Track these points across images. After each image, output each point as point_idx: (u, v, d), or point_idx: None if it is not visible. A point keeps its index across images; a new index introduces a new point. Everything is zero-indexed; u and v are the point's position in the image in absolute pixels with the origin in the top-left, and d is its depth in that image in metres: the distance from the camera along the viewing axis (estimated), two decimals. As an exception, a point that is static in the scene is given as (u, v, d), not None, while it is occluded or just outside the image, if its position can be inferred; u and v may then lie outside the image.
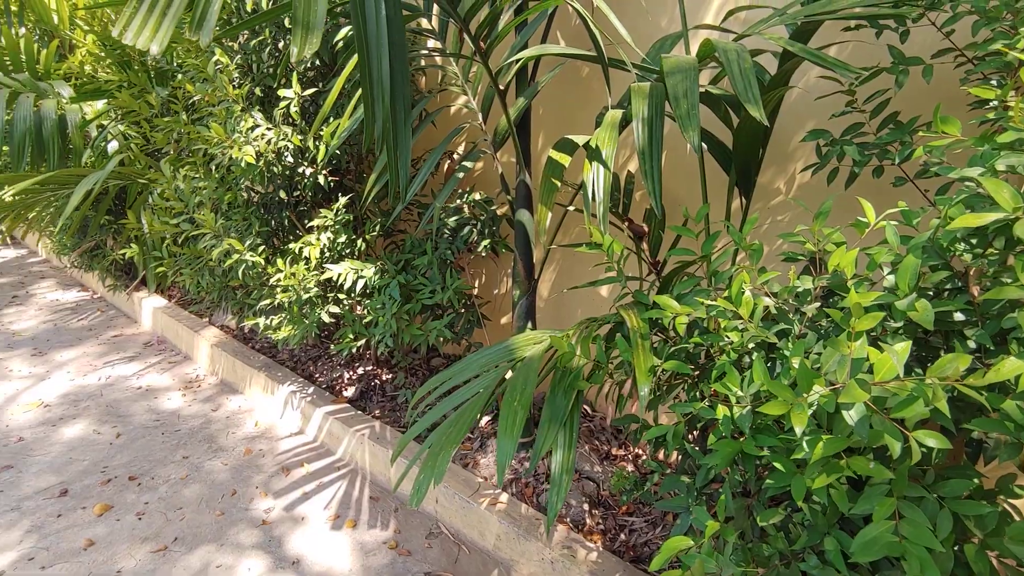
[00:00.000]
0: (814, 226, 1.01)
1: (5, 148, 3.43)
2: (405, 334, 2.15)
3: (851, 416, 0.72)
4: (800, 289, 1.01)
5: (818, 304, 1.01)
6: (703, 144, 1.78)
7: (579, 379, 1.16)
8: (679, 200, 2.11)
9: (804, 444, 0.80)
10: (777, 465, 0.88)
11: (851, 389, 0.69)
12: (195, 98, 2.17)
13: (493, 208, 2.29)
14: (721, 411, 1.00)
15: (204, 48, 0.87)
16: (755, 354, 1.03)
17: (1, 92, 2.97)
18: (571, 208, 1.87)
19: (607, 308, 2.35)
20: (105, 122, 3.05)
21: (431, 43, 2.54)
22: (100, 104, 3.20)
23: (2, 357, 3.31)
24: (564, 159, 1.53)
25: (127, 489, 2.18)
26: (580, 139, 1.59)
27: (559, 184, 1.48)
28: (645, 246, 1.91)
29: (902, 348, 0.68)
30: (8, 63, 3.48)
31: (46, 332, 3.71)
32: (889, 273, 0.94)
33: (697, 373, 1.21)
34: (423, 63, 2.49)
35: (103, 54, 2.94)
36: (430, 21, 2.01)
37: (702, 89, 1.67)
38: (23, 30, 4.07)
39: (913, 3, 1.26)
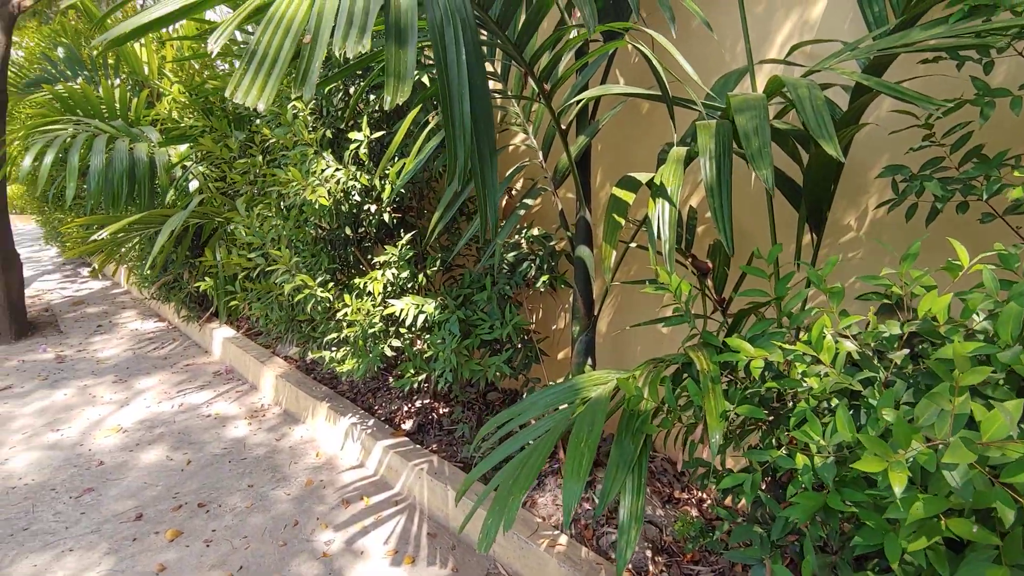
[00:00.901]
0: (902, 268, 0.96)
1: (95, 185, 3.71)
2: (464, 369, 2.17)
3: (954, 477, 0.67)
4: (886, 335, 0.96)
5: (906, 351, 0.95)
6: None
7: (647, 423, 1.14)
8: (745, 234, 2.07)
9: (899, 503, 0.75)
10: (867, 523, 0.83)
11: (956, 448, 0.65)
12: (271, 141, 2.29)
13: (552, 244, 2.30)
14: (801, 460, 0.95)
15: (306, 101, 0.93)
16: (837, 402, 0.98)
17: (100, 138, 3.23)
18: (633, 244, 1.86)
19: (668, 344, 2.30)
20: (188, 163, 3.27)
21: (492, 84, 2.62)
22: (184, 147, 3.44)
23: (90, 383, 3.52)
24: (628, 196, 1.53)
25: (196, 516, 2.26)
26: (643, 176, 1.59)
27: (623, 222, 1.48)
28: (710, 283, 1.87)
29: (1014, 406, 0.63)
30: (105, 111, 3.80)
31: (127, 360, 3.93)
32: (985, 319, 0.89)
33: (771, 419, 1.16)
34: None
35: (188, 102, 3.17)
36: (492, 64, 2.07)
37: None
38: (118, 80, 4.45)
39: (999, 32, 1.21)
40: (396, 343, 2.25)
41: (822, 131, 1.13)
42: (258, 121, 2.39)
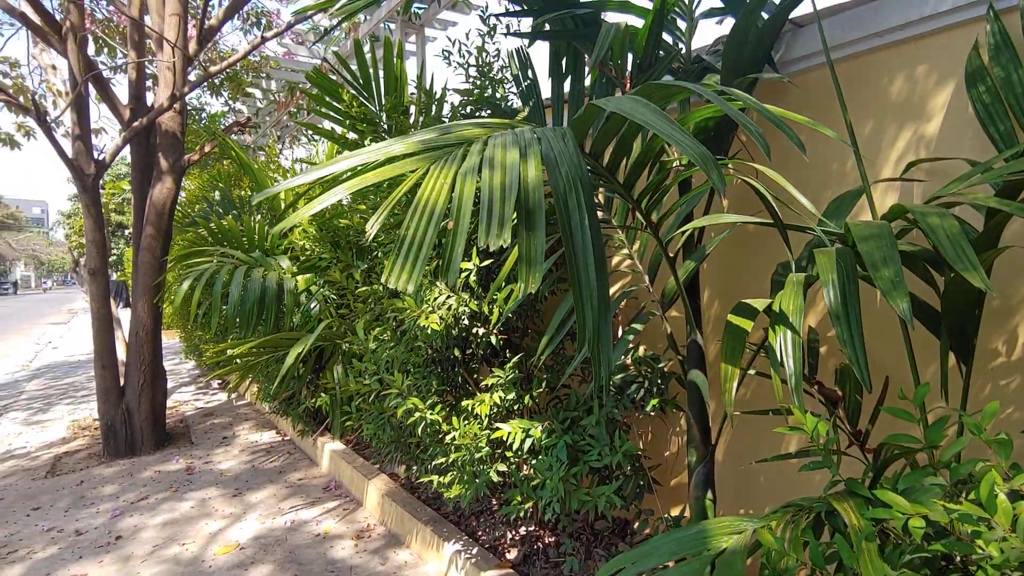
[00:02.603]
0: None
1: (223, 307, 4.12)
2: (573, 499, 2.09)
3: None
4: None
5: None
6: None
7: (791, 583, 1.02)
8: (876, 358, 1.92)
9: None
10: None
11: None
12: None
13: (661, 366, 2.25)
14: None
15: (451, 286, 1.02)
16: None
17: (240, 269, 3.66)
18: (751, 372, 1.78)
19: (796, 478, 2.10)
20: (313, 289, 3.59)
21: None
22: (309, 274, 3.80)
23: (211, 495, 3.73)
24: (746, 324, 1.48)
25: (302, 644, 2.23)
26: (759, 303, 1.55)
27: (743, 348, 1.43)
28: (841, 412, 1.72)
29: None
30: (246, 241, 4.32)
31: (245, 472, 4.15)
32: None
33: (942, 585, 1.01)
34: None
35: (318, 234, 3.54)
36: (597, 191, 2.17)
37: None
38: (258, 216, 5.08)
39: None
40: (502, 468, 2.22)
41: (963, 261, 1.06)
42: (379, 254, 2.61)
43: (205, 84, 6.38)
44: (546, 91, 2.47)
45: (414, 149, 1.09)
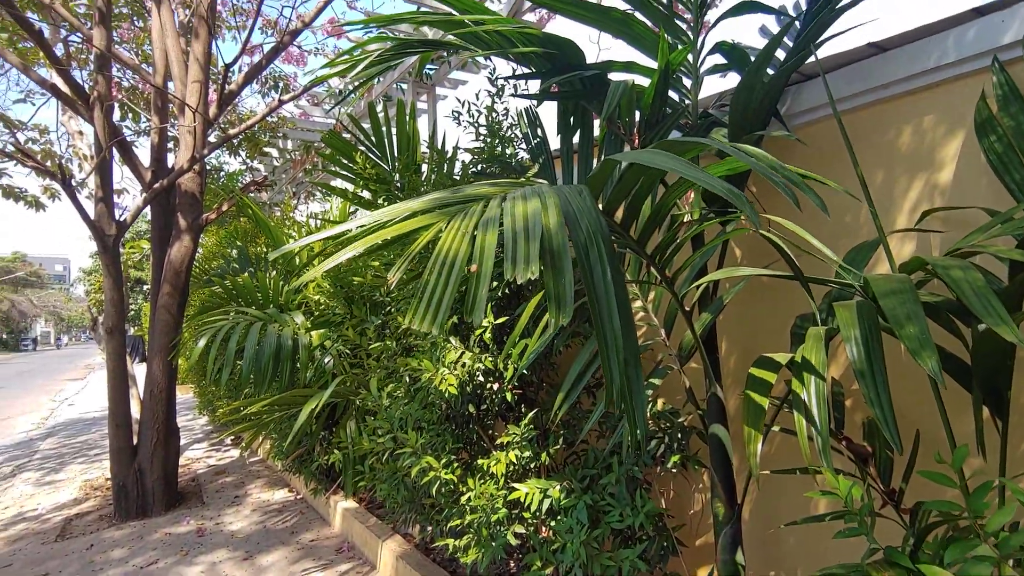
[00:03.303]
0: None
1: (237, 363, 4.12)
2: (595, 564, 2.00)
3: None
4: None
5: None
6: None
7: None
8: (905, 409, 1.85)
9: None
10: None
11: None
12: (404, 326, 2.48)
13: (680, 420, 2.19)
14: None
15: (476, 325, 1.02)
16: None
17: (255, 326, 3.68)
18: (775, 427, 1.72)
19: (829, 536, 2.00)
20: (327, 344, 3.58)
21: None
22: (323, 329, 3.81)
23: (220, 559, 3.63)
24: (769, 376, 1.45)
25: None
26: (781, 357, 1.51)
27: (766, 404, 1.39)
28: (872, 470, 1.65)
29: None
30: (260, 298, 4.36)
31: (256, 534, 4.05)
32: None
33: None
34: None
35: (332, 289, 3.57)
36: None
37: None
38: (273, 272, 5.14)
39: None
40: (520, 530, 2.15)
41: (992, 315, 1.03)
42: (393, 310, 2.61)
43: (224, 145, 6.59)
44: (555, 143, 2.51)
45: (429, 207, 1.10)
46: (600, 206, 1.38)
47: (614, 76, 1.97)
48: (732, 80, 2.22)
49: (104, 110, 4.37)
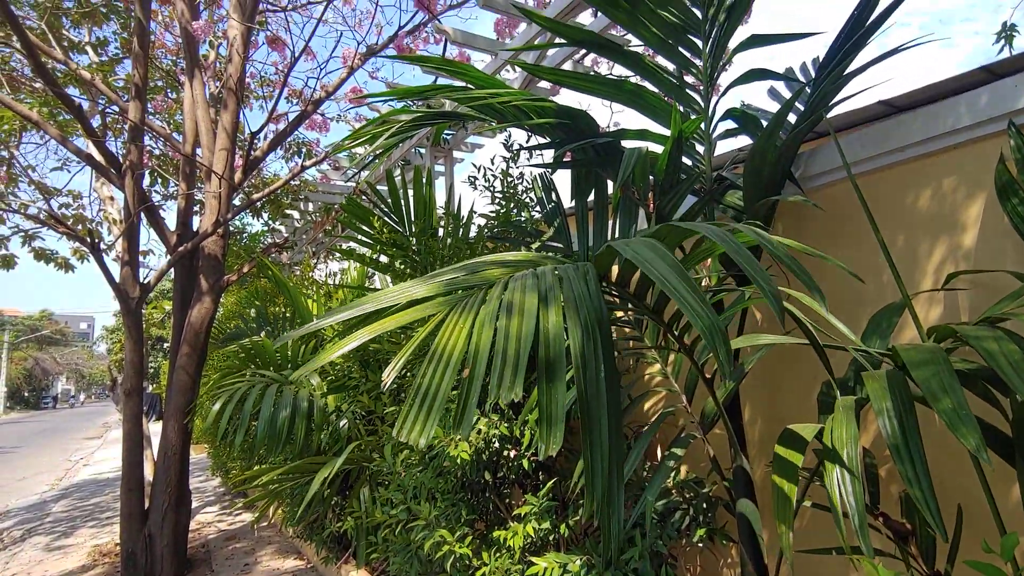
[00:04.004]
0: None
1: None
2: (619, 648, 1.88)
3: None
4: None
5: None
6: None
7: None
8: (944, 481, 1.76)
9: None
10: None
11: None
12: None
13: (706, 491, 2.10)
14: None
15: (464, 438, 1.00)
16: None
17: (271, 388, 3.66)
18: (807, 503, 1.64)
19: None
20: (343, 408, 3.55)
21: (619, 313, 2.69)
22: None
23: (227, 634, 3.49)
24: (796, 458, 1.38)
25: None
26: (808, 430, 1.45)
27: (794, 492, 1.32)
28: (913, 548, 1.55)
29: None
30: (278, 358, 4.36)
31: (265, 606, 3.90)
32: None
33: None
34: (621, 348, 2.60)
35: (348, 352, 3.56)
36: (626, 312, 2.15)
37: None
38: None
39: None
40: (539, 609, 2.04)
41: (1031, 390, 0.98)
42: (409, 374, 2.59)
43: (248, 208, 6.79)
44: (568, 201, 2.53)
45: (434, 292, 1.09)
46: (614, 277, 1.37)
47: (627, 142, 2.00)
48: (746, 138, 2.25)
49: (135, 178, 4.54)
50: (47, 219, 4.72)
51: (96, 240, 4.54)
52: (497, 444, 2.27)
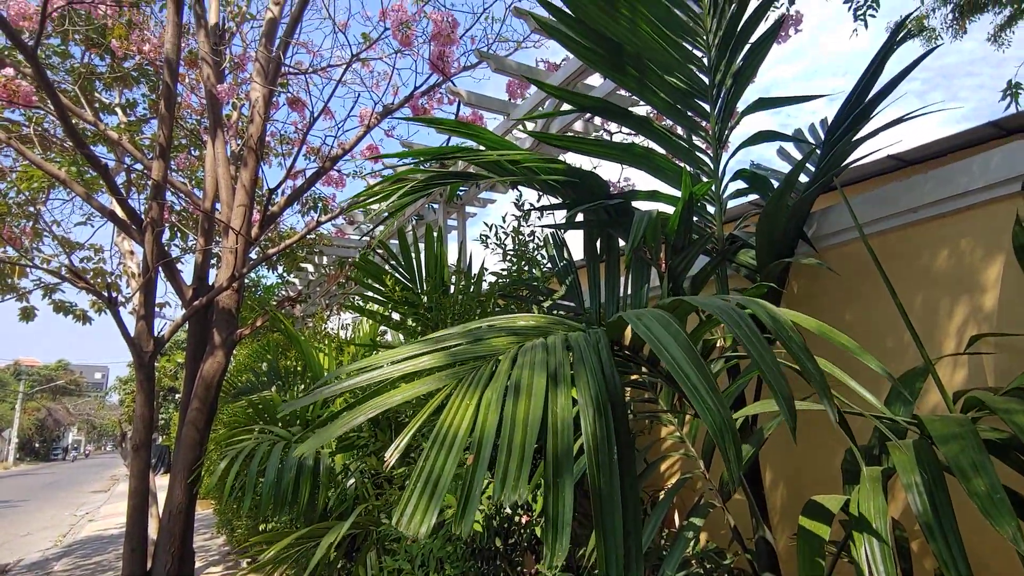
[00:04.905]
0: None
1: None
2: None
3: None
4: None
5: None
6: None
7: None
8: (979, 557, 1.66)
9: None
10: None
11: None
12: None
13: (727, 562, 2.00)
14: None
15: (465, 536, 0.97)
16: None
17: (278, 446, 3.60)
18: (834, 580, 1.55)
19: None
20: (352, 467, 3.47)
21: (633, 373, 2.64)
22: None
23: None
24: (822, 531, 1.32)
25: None
26: (833, 501, 1.39)
27: (823, 566, 1.25)
28: (952, 633, 1.45)
29: None
30: (287, 416, 4.31)
31: (265, 677, 3.72)
32: None
33: None
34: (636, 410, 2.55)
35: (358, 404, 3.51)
36: (640, 375, 2.11)
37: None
38: (302, 386, 5.14)
39: None
40: None
41: (1070, 470, 0.93)
42: (418, 435, 2.54)
43: (263, 261, 6.89)
44: (579, 255, 2.53)
45: (441, 363, 1.07)
46: (627, 341, 1.35)
47: (637, 203, 2.01)
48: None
49: (155, 234, 4.64)
50: (68, 274, 4.81)
51: (114, 295, 4.60)
52: (508, 510, 2.19)
